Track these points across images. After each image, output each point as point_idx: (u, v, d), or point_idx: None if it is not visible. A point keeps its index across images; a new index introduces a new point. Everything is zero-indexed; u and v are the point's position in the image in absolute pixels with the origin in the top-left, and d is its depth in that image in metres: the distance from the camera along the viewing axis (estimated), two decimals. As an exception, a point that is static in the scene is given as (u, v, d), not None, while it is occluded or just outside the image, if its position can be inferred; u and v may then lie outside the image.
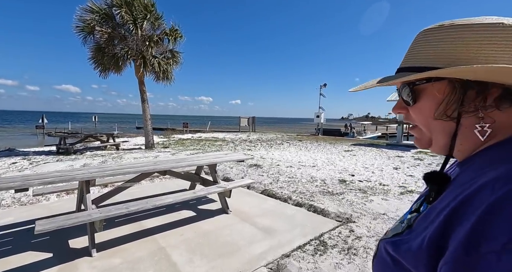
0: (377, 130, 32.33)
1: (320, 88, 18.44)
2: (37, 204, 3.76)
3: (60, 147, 7.99)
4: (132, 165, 3.49)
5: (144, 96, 8.81)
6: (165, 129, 25.03)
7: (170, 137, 14.16)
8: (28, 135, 26.25)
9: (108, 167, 3.32)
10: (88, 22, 7.18)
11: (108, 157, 6.91)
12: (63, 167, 5.46)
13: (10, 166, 5.69)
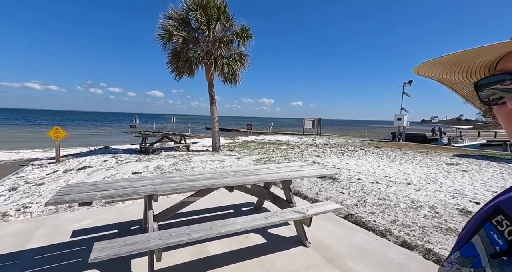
0: (480, 137, 25.55)
1: (404, 85, 15.45)
2: (113, 206, 3.79)
3: (142, 147, 8.79)
4: (197, 176, 3.05)
5: (213, 98, 8.89)
6: (230, 130, 26.05)
7: (235, 139, 14.30)
8: (124, 134, 31.81)
9: (173, 177, 2.98)
10: (167, 28, 7.64)
11: (178, 159, 7.08)
12: (140, 168, 5.73)
13: (102, 163, 6.37)
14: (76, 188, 2.47)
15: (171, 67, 8.55)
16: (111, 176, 5.08)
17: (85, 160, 6.84)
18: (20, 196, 4.02)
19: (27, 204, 3.71)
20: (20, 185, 4.63)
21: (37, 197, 3.98)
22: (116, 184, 2.64)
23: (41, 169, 6.22)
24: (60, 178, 4.99)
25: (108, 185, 2.60)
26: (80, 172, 5.38)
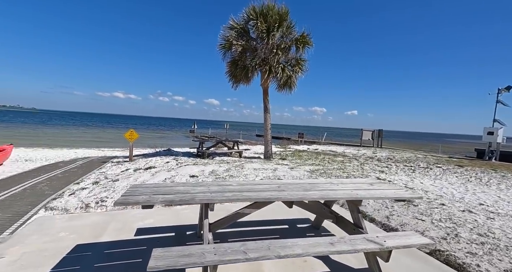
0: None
1: (498, 92, 12.56)
2: (171, 208, 3.92)
3: (199, 151, 9.28)
4: (253, 186, 2.86)
5: (267, 105, 8.83)
6: (281, 138, 25.80)
7: (286, 147, 13.96)
8: (184, 137, 34.98)
9: (228, 186, 2.86)
10: (228, 38, 8.02)
11: (232, 165, 7.15)
12: (196, 171, 5.96)
13: (164, 165, 6.90)
14: (140, 189, 2.57)
15: (229, 76, 8.89)
16: (172, 178, 5.39)
17: (151, 161, 7.54)
18: (100, 190, 4.56)
19: (104, 198, 4.16)
20: (101, 180, 5.30)
21: (112, 192, 4.45)
22: (175, 188, 2.66)
23: (118, 166, 7.11)
24: (131, 176, 5.54)
25: (168, 189, 2.64)
26: (146, 172, 5.89)
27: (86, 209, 3.83)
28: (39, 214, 3.54)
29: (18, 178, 5.51)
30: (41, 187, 4.82)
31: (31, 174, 5.95)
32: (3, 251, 2.54)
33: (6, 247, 2.61)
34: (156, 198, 2.29)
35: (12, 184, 4.91)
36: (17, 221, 3.28)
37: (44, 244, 2.70)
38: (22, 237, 2.84)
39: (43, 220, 3.34)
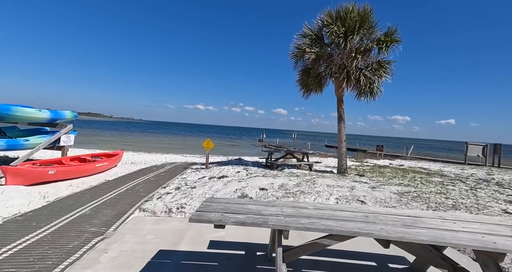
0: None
1: None
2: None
3: (268, 162, 9.27)
4: (333, 212, 2.44)
5: (341, 115, 8.07)
6: (355, 150, 23.37)
7: (362, 161, 12.42)
8: (252, 146, 36.43)
9: (303, 209, 2.53)
10: (300, 46, 7.84)
11: (302, 178, 6.74)
12: (266, 184, 5.84)
13: (235, 174, 7.12)
14: (213, 204, 2.55)
15: (300, 85, 8.64)
16: (242, 189, 5.43)
17: (224, 169, 7.94)
18: (180, 196, 5.00)
19: (183, 205, 4.51)
20: (182, 186, 5.85)
21: (190, 199, 4.79)
22: (246, 207, 2.52)
23: (196, 173, 7.80)
24: (206, 184, 5.91)
25: (239, 206, 2.53)
26: (219, 181, 6.18)
27: (169, 213, 4.21)
28: (135, 214, 4.10)
29: (124, 179, 6.72)
30: (138, 188, 5.69)
31: (133, 176, 7.18)
32: (108, 246, 2.96)
33: (110, 242, 3.05)
34: (228, 217, 2.19)
35: (120, 184, 6.00)
36: (119, 218, 3.87)
37: (135, 245, 3.02)
38: (121, 235, 3.28)
39: (137, 220, 3.83)
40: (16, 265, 2.49)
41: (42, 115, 7.39)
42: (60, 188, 5.43)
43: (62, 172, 6.17)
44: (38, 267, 2.47)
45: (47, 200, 4.51)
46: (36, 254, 2.70)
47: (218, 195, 5.09)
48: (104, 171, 7.66)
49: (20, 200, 4.30)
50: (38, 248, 2.82)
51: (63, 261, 2.60)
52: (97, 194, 5.04)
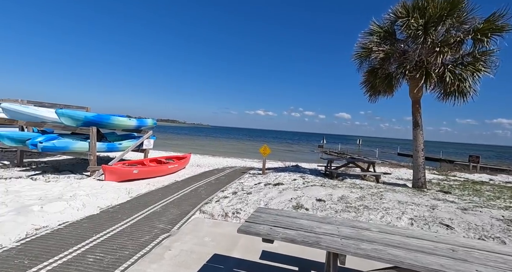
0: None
1: None
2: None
3: (327, 170, 8.69)
4: (404, 239, 2.03)
5: (418, 120, 6.89)
6: (439, 160, 19.61)
7: (448, 175, 10.25)
8: (311, 152, 35.07)
9: (365, 230, 2.20)
10: (366, 45, 7.14)
11: (366, 191, 6.00)
12: (323, 194, 5.43)
13: (291, 182, 6.92)
14: (263, 215, 2.48)
15: (366, 87, 7.83)
16: (297, 198, 5.21)
17: (280, 176, 7.84)
18: (237, 201, 5.15)
19: (238, 210, 4.62)
20: (239, 191, 6.04)
21: (245, 205, 4.88)
22: (298, 222, 2.35)
23: (252, 178, 7.96)
24: (261, 190, 5.93)
25: (290, 220, 2.38)
26: (275, 188, 6.11)
27: (225, 217, 4.37)
28: (196, 215, 4.42)
29: (190, 180, 7.43)
30: (200, 191, 6.17)
31: (197, 178, 7.86)
32: (171, 244, 3.26)
33: (173, 241, 3.36)
34: (277, 232, 2.08)
35: (186, 185, 6.65)
36: (182, 218, 4.24)
37: (194, 246, 3.23)
38: (183, 234, 3.57)
39: (197, 221, 4.12)
40: (104, 251, 2.99)
41: (131, 123, 8.98)
42: (140, 185, 6.40)
43: (143, 171, 7.28)
44: (118, 255, 2.91)
45: (130, 196, 5.37)
46: (118, 243, 3.20)
47: (272, 203, 5.02)
48: (175, 172, 8.66)
49: (112, 194, 5.26)
50: (120, 238, 3.34)
51: (136, 253, 2.98)
52: (167, 193, 5.70)
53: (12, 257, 2.72)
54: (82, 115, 7.04)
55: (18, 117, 7.51)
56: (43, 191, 4.98)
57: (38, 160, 8.45)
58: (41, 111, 7.55)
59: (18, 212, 3.71)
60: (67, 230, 3.46)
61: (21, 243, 3.03)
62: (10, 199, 4.34)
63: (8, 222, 3.39)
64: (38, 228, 3.43)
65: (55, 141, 6.69)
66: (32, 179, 5.99)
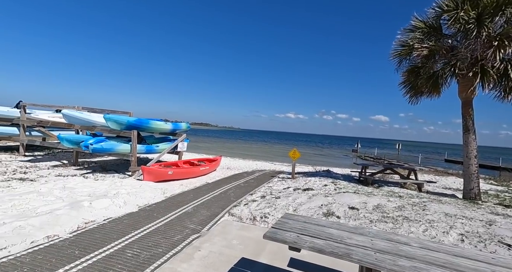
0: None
1: None
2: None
3: (361, 176, 8.20)
4: (452, 258, 1.81)
5: (469, 123, 6.14)
6: (497, 168, 17.13)
7: (509, 185, 8.88)
8: (344, 157, 33.43)
9: (403, 245, 2.01)
10: (406, 43, 6.61)
11: (406, 200, 5.50)
12: (357, 202, 5.12)
13: (322, 188, 6.66)
14: (290, 222, 2.41)
15: (406, 87, 7.23)
16: (328, 205, 4.99)
17: (310, 181, 7.61)
18: (265, 205, 5.13)
19: (266, 214, 4.59)
20: (267, 195, 6.01)
21: (273, 209, 4.82)
22: (327, 230, 2.24)
23: (281, 182, 7.86)
24: (290, 195, 5.82)
25: (319, 228, 2.27)
26: (304, 193, 5.94)
27: (253, 221, 4.38)
28: (225, 218, 4.51)
29: (220, 183, 7.63)
30: (230, 193, 6.28)
31: (227, 181, 8.04)
32: (201, 244, 3.36)
33: (203, 241, 3.46)
34: (304, 241, 2.00)
35: (216, 188, 6.84)
36: (212, 219, 4.36)
37: (222, 248, 3.28)
38: (212, 236, 3.66)
39: (226, 223, 4.19)
40: (141, 247, 3.21)
41: (167, 126, 9.59)
42: (174, 186, 6.76)
43: (177, 173, 7.69)
44: (153, 252, 3.09)
45: (165, 196, 5.70)
46: (153, 240, 3.40)
47: (302, 209, 4.88)
48: (206, 174, 8.98)
49: (149, 193, 5.64)
50: (154, 236, 3.55)
51: (169, 251, 3.14)
52: (198, 195, 5.93)
53: (66, 247, 3.07)
54: (125, 119, 7.73)
55: (74, 122, 8.54)
56: (92, 188, 5.56)
57: (89, 160, 9.49)
58: (92, 116, 8.49)
59: (72, 207, 4.18)
60: (110, 225, 3.80)
61: (73, 234, 3.41)
62: (66, 194, 4.92)
63: (64, 215, 3.85)
64: (87, 222, 3.82)
65: (103, 143, 7.45)
66: (84, 177, 6.74)
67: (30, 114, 9.94)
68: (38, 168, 7.48)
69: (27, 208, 4.06)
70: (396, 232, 3.79)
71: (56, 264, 2.68)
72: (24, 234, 3.20)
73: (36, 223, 3.47)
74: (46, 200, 4.51)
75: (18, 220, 3.48)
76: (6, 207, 4.01)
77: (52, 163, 8.41)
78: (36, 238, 3.19)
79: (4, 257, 2.72)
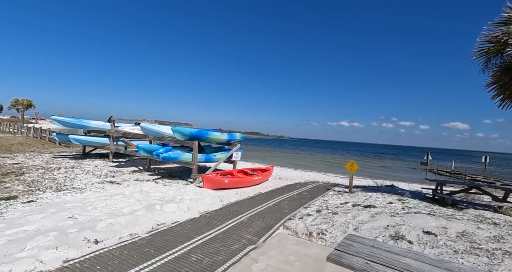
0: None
1: None
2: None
3: (436, 194, 7.02)
4: None
5: None
6: None
7: None
8: (410, 169, 29.24)
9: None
10: (496, 39, 5.53)
11: (505, 230, 4.42)
12: (434, 226, 4.36)
13: (386, 205, 5.96)
14: (356, 245, 2.22)
15: (497, 90, 5.99)
16: (396, 227, 4.41)
17: (371, 197, 6.91)
18: (321, 220, 4.87)
19: (324, 231, 4.34)
20: (323, 209, 5.71)
21: (331, 226, 4.53)
22: (403, 260, 1.97)
23: (338, 196, 7.36)
24: (349, 211, 5.38)
25: (391, 256, 2.02)
26: (365, 211, 5.42)
27: (309, 237, 4.19)
28: (279, 230, 4.46)
29: (273, 193, 7.63)
30: (283, 205, 6.20)
31: (280, 191, 7.98)
32: (258, 256, 3.39)
33: (259, 253, 3.48)
34: (375, 270, 1.80)
35: (269, 198, 6.86)
36: (267, 231, 4.36)
37: (279, 263, 3.24)
38: (268, 248, 3.65)
39: (281, 237, 4.13)
40: (203, 252, 3.43)
41: (223, 137, 10.24)
42: (230, 194, 7.08)
43: (233, 181, 8.04)
44: (214, 259, 3.27)
45: (222, 203, 6.01)
46: (213, 247, 3.60)
47: (363, 228, 4.44)
48: (259, 184, 9.13)
49: (208, 200, 6.04)
50: (215, 243, 3.76)
51: (228, 260, 3.27)
52: (253, 204, 6.05)
53: (144, 245, 3.52)
54: (188, 131, 8.59)
55: (149, 133, 9.93)
56: (162, 193, 6.29)
57: (159, 167, 10.81)
58: (162, 128, 9.73)
59: (147, 209, 4.81)
60: (177, 228, 4.20)
61: (149, 234, 3.89)
62: (143, 197, 5.70)
63: (142, 216, 4.45)
64: (159, 224, 4.32)
65: (170, 153, 8.41)
66: (155, 182, 7.69)
67: (117, 127, 12.04)
68: (122, 172, 8.90)
69: (115, 208, 4.85)
70: (495, 271, 3.06)
71: (137, 260, 3.10)
72: (114, 230, 3.82)
73: (122, 222, 4.11)
74: (129, 201, 5.30)
75: (110, 218, 4.18)
76: (102, 205, 4.89)
77: (131, 168, 9.89)
78: (122, 235, 3.77)
79: (101, 249, 3.29)
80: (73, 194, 5.70)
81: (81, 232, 3.58)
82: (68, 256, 3.06)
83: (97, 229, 3.76)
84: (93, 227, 3.80)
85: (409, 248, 3.60)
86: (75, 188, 6.25)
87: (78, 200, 5.21)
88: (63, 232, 3.54)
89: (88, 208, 4.71)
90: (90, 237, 3.50)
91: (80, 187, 6.37)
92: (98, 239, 3.50)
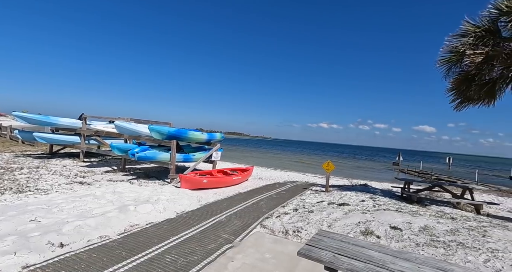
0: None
1: None
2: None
3: (404, 192, 7.51)
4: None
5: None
6: None
7: None
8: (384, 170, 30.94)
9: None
10: (457, 49, 6.05)
11: (460, 223, 4.86)
12: (400, 222, 4.68)
13: (359, 203, 6.26)
14: (326, 240, 2.32)
15: (455, 95, 6.57)
16: (366, 223, 4.66)
17: (346, 196, 7.22)
18: (298, 218, 5.00)
19: (299, 228, 4.47)
20: (300, 208, 5.86)
21: (306, 224, 4.68)
22: (367, 252, 2.10)
23: (315, 195, 7.60)
24: (324, 209, 5.58)
25: (357, 249, 2.15)
26: (339, 208, 5.65)
27: (285, 235, 4.29)
28: (257, 229, 4.51)
29: (252, 193, 7.68)
30: (262, 204, 6.28)
31: (259, 191, 8.05)
32: (234, 255, 3.41)
33: (236, 252, 3.50)
34: (341, 262, 1.91)
35: (248, 198, 6.90)
36: (244, 230, 4.39)
37: (255, 261, 3.28)
38: (245, 247, 3.68)
39: (258, 235, 4.18)
40: (178, 253, 3.38)
41: (203, 136, 10.11)
42: (208, 194, 7.01)
43: (211, 181, 7.97)
44: (189, 259, 3.23)
45: (200, 204, 5.94)
46: (189, 247, 3.56)
47: (337, 225, 4.64)
48: (238, 184, 9.13)
49: (186, 200, 5.94)
50: (190, 243, 3.71)
51: (204, 259, 3.25)
52: (231, 204, 6.04)
53: (115, 247, 3.38)
54: (166, 130, 8.37)
55: (124, 132, 9.51)
56: (137, 193, 6.07)
57: (134, 167, 10.40)
58: (138, 127, 9.37)
59: (120, 210, 4.62)
60: (152, 229, 4.09)
61: (121, 236, 3.75)
62: (115, 198, 5.46)
63: (114, 217, 4.26)
64: (132, 225, 4.17)
65: (146, 152, 8.13)
66: (130, 183, 7.39)
67: (89, 125, 11.38)
68: (94, 173, 8.44)
69: (85, 209, 4.60)
70: (449, 261, 3.36)
71: (107, 263, 2.97)
72: (82, 233, 3.63)
73: (92, 224, 3.91)
74: (100, 203, 5.05)
75: (78, 220, 3.96)
76: (69, 207, 4.61)
77: (104, 168, 9.41)
78: (92, 237, 3.59)
79: (67, 253, 3.11)
80: (37, 196, 5.31)
81: (44, 236, 3.36)
82: (28, 261, 2.85)
83: (63, 232, 3.55)
84: (58, 230, 3.58)
85: (377, 242, 3.83)
86: (39, 190, 5.82)
87: (42, 202, 4.87)
88: (23, 236, 3.29)
89: (54, 210, 4.42)
90: (54, 241, 3.29)
91: (45, 188, 5.95)
92: (63, 243, 3.30)
